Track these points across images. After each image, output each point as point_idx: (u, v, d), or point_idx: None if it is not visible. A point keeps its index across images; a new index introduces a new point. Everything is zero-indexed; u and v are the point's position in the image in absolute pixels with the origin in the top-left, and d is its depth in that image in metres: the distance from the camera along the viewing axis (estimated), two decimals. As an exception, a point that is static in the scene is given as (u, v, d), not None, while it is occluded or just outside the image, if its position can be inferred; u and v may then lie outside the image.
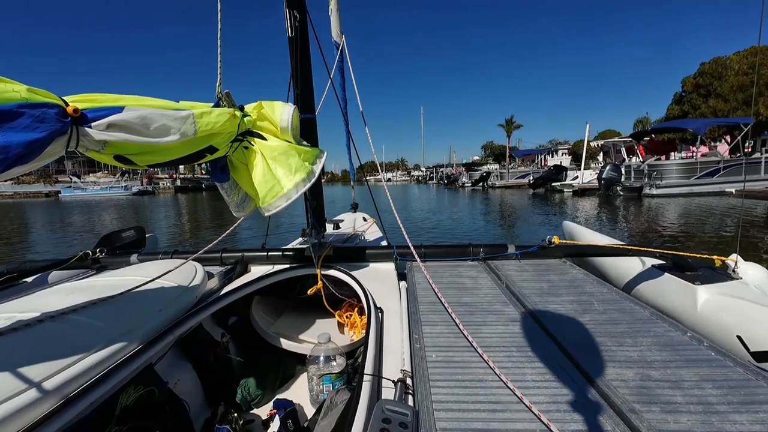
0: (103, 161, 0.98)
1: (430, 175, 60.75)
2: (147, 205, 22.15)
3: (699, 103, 25.83)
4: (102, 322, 1.19)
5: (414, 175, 75.46)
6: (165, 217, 15.81)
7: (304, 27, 1.89)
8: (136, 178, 39.44)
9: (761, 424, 0.76)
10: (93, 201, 27.26)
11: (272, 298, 2.06)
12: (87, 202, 26.75)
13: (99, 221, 14.25)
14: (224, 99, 1.26)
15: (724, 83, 24.37)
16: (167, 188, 38.95)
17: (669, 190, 15.62)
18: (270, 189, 1.34)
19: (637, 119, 42.32)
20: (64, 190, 36.13)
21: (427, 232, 9.56)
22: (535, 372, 0.98)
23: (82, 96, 0.87)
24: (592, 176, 20.25)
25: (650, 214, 11.10)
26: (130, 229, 2.58)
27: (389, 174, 77.08)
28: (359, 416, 0.83)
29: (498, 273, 1.82)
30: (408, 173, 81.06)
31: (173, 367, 1.45)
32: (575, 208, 14.01)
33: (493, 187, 30.17)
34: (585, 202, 16.07)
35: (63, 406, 0.88)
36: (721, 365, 0.98)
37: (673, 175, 16.03)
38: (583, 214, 12.07)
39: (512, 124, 51.33)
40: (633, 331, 1.19)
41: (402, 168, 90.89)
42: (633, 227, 9.38)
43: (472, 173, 36.35)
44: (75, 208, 21.01)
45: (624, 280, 1.97)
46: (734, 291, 1.51)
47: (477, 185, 32.31)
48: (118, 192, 34.28)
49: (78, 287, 1.53)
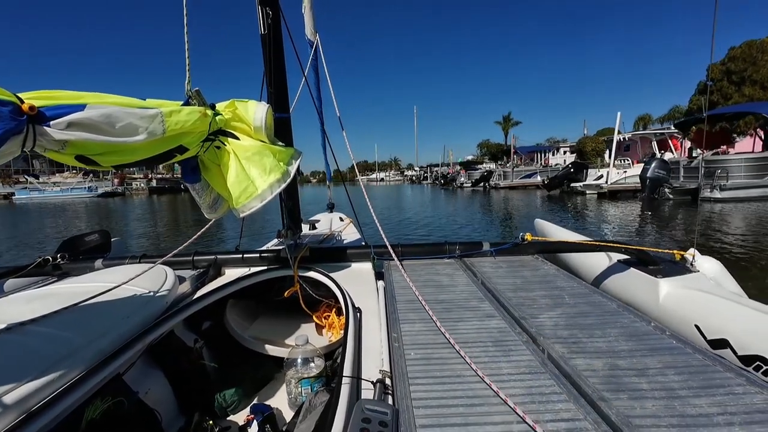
0: (64, 162, 0.93)
1: (424, 174, 57.98)
2: (113, 209, 19.76)
3: (731, 92, 22.16)
4: (64, 332, 1.13)
5: (407, 174, 72.08)
6: (125, 225, 12.97)
7: (277, 24, 1.86)
8: (107, 178, 36.12)
9: (717, 406, 0.82)
10: (51, 204, 24.84)
11: (247, 301, 2.01)
12: (44, 205, 24.30)
13: (36, 229, 11.95)
14: (194, 97, 1.22)
15: (762, 68, 20.99)
16: (140, 189, 35.65)
17: (736, 193, 12.16)
18: (244, 190, 1.31)
19: (638, 117, 39.85)
20: (19, 192, 33.00)
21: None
22: (510, 366, 1.01)
23: (39, 93, 0.82)
24: (619, 175, 16.67)
25: (732, 226, 7.91)
26: (93, 232, 2.45)
27: (382, 174, 75.55)
28: (339, 417, 0.83)
29: (474, 270, 1.85)
30: (401, 173, 77.95)
31: (143, 376, 1.39)
32: (613, 217, 10.48)
33: (496, 187, 27.10)
34: (620, 208, 12.25)
35: (23, 422, 0.83)
36: (681, 353, 1.05)
37: (740, 174, 12.50)
38: (629, 227, 8.73)
39: (510, 121, 49.08)
40: (601, 323, 1.24)
41: (395, 167, 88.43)
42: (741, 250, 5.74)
43: (471, 172, 33.26)
44: (22, 214, 18.53)
45: (593, 274, 2.06)
46: (692, 283, 1.62)
47: (477, 185, 29.48)
48: (81, 194, 31.64)
49: (37, 295, 1.44)
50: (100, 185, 33.71)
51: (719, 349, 1.31)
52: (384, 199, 21.87)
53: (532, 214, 11.33)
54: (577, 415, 0.80)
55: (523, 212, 13.13)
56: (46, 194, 32.24)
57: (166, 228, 11.57)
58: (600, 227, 8.99)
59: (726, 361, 1.00)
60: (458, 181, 33.56)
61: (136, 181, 37.73)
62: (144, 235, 10.38)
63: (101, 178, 35.98)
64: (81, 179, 34.69)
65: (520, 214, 12.71)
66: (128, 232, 10.81)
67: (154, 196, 32.31)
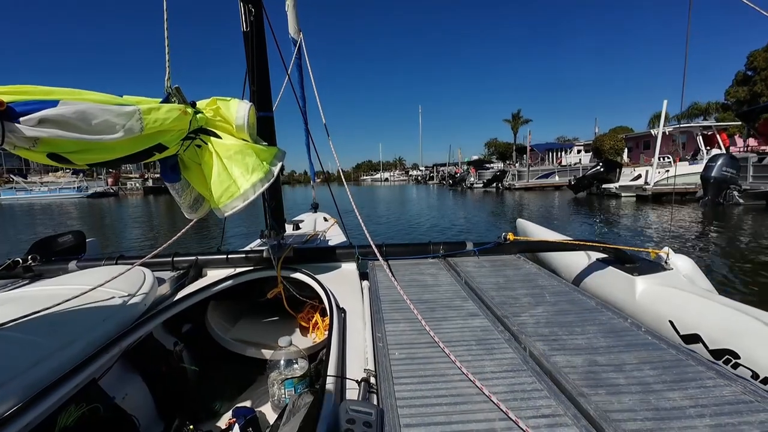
0: (36, 160, 0.90)
1: (430, 174, 55.62)
2: (102, 211, 18.13)
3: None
4: (36, 336, 1.09)
5: (412, 174, 69.28)
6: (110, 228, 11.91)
7: (260, 22, 1.84)
8: (100, 177, 33.95)
9: (690, 399, 0.85)
10: (37, 205, 23.41)
11: (229, 302, 1.98)
12: (28, 206, 22.80)
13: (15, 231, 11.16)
14: (174, 94, 1.19)
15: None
16: (135, 189, 33.50)
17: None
18: (225, 189, 1.29)
19: (654, 114, 35.09)
20: (4, 192, 31.25)
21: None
22: (493, 364, 1.02)
23: (8, 87, 0.78)
24: (660, 175, 13.85)
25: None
26: (67, 233, 2.36)
27: (386, 174, 74.00)
28: (323, 418, 0.83)
29: (457, 269, 1.87)
30: (406, 173, 75.15)
31: (120, 381, 1.35)
32: (677, 229, 7.62)
33: (510, 188, 24.96)
34: (675, 215, 9.71)
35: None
36: (656, 348, 1.08)
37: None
38: (715, 245, 6.06)
39: (519, 119, 45.02)
40: (581, 320, 1.27)
41: (399, 167, 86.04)
42: None
43: (481, 172, 30.65)
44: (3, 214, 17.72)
45: (573, 273, 2.11)
46: (666, 281, 1.68)
47: (489, 186, 27.25)
48: (69, 194, 29.88)
49: (7, 298, 1.38)
50: (92, 185, 31.93)
51: (692, 344, 1.36)
52: (388, 203, 19.58)
53: (562, 220, 10.18)
54: (558, 411, 0.82)
55: (551, 216, 11.10)
56: (33, 194, 30.71)
57: (163, 231, 10.05)
58: (665, 239, 6.58)
59: (698, 356, 1.04)
60: (468, 181, 30.78)
61: (131, 180, 35.59)
62: (135, 238, 9.22)
63: (95, 177, 34.06)
64: (72, 179, 32.83)
65: (547, 219, 10.39)
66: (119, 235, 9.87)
67: (150, 196, 30.22)
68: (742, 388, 0.88)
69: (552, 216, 11.34)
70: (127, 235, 10.23)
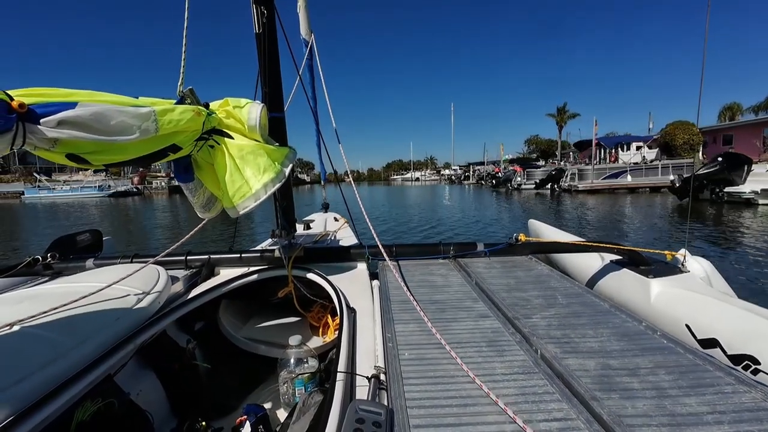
0: (55, 160, 0.92)
1: (465, 173, 51.44)
2: (122, 210, 17.72)
3: None
4: (54, 333, 1.12)
5: (444, 174, 65.33)
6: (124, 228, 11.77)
7: (272, 23, 1.86)
8: (130, 176, 34.16)
9: (707, 405, 0.83)
10: (59, 204, 23.39)
11: (241, 301, 2.00)
12: (51, 205, 22.92)
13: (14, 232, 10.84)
14: (188, 96, 1.21)
15: None
16: (160, 188, 33.06)
17: None
18: (238, 189, 1.30)
19: (725, 106, 32.20)
20: (28, 190, 31.81)
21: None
22: (504, 365, 1.01)
23: (29, 90, 0.81)
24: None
25: None
26: (84, 232, 2.42)
27: (417, 173, 72.42)
28: (332, 417, 0.83)
29: (468, 270, 1.86)
30: (437, 172, 72.78)
31: (135, 378, 1.38)
32: None
33: (571, 191, 20.53)
34: None
35: (10, 425, 0.81)
36: (672, 352, 1.06)
37: None
38: None
39: (565, 114, 41.04)
40: (594, 323, 1.25)
41: (431, 167, 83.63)
42: None
43: (530, 171, 26.80)
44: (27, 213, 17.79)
45: (586, 275, 2.08)
46: (683, 283, 1.63)
47: (542, 187, 23.37)
48: (90, 193, 30.13)
49: (27, 295, 1.42)
50: (118, 184, 32.05)
51: (709, 349, 1.32)
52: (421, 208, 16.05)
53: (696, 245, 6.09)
54: (570, 415, 0.81)
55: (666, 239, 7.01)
56: (55, 193, 31.21)
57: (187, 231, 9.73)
58: None
59: (716, 361, 1.01)
60: (514, 181, 26.85)
61: (157, 179, 35.32)
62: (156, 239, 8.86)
63: (121, 176, 34.05)
64: (96, 177, 33.09)
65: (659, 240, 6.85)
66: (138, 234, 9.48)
67: (176, 195, 28.51)
68: (763, 395, 0.85)
69: (661, 231, 7.11)
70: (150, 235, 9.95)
